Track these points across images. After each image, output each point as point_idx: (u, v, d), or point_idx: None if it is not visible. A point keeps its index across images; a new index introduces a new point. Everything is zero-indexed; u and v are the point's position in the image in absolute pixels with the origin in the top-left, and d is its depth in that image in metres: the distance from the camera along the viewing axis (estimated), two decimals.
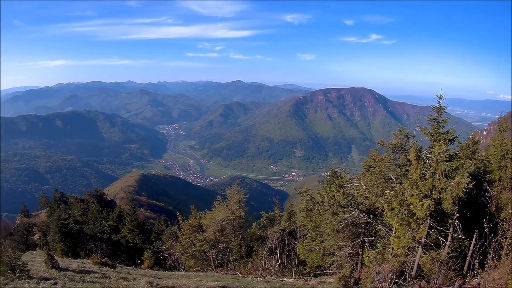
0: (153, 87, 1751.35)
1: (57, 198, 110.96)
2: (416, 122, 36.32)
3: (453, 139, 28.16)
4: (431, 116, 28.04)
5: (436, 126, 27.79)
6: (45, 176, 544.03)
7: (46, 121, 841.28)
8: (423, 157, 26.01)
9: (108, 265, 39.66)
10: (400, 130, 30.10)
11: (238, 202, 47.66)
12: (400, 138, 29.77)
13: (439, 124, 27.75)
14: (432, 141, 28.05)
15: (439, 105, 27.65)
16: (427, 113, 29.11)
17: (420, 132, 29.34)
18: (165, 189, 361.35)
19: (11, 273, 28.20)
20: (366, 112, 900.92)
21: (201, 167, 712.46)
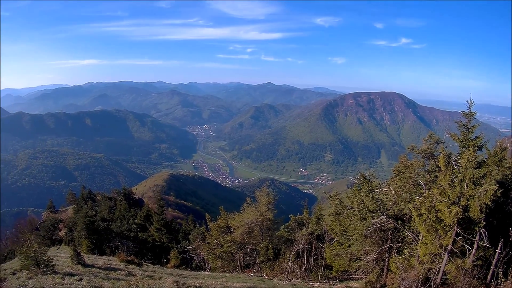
0: (184, 88, 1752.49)
1: (84, 195, 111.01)
2: (445, 127, 35.97)
3: (482, 145, 27.85)
4: (461, 122, 27.81)
5: (465, 132, 27.54)
6: (73, 173, 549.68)
7: (76, 119, 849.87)
8: (452, 163, 25.79)
9: (134, 263, 40.34)
10: (430, 136, 29.88)
11: (267, 204, 47.64)
12: (430, 143, 29.55)
13: (468, 130, 27.49)
14: (461, 147, 27.81)
15: (469, 111, 27.40)
16: (456, 119, 28.90)
17: (450, 138, 29.11)
18: (193, 189, 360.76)
19: (35, 267, 28.70)
20: (396, 116, 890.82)
21: (231, 169, 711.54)
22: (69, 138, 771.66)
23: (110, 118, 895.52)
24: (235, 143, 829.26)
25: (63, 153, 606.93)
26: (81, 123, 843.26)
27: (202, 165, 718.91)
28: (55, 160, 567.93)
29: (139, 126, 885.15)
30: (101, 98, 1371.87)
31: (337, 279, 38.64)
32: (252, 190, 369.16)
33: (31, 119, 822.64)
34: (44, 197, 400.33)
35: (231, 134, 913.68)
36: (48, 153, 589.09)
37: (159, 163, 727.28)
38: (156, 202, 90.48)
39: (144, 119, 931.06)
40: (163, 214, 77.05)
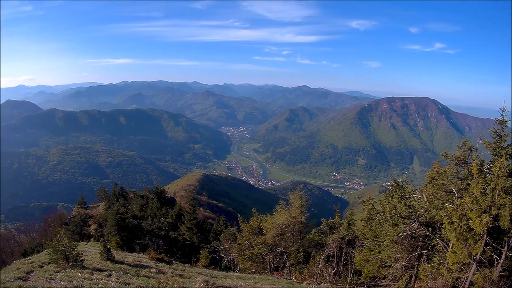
0: (219, 89, 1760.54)
1: (116, 192, 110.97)
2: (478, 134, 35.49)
3: None
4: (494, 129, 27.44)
5: (498, 140, 27.18)
6: (105, 170, 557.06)
7: (110, 117, 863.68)
8: (485, 171, 25.51)
9: (164, 261, 40.07)
10: (464, 143, 29.59)
11: (300, 207, 47.48)
12: (463, 150, 29.28)
13: (501, 138, 27.14)
14: (493, 155, 27.46)
15: (502, 118, 27.05)
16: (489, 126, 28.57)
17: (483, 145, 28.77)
18: (226, 190, 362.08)
19: (64, 261, 29.13)
20: (429, 122, 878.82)
21: (264, 171, 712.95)
22: (102, 135, 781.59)
23: (145, 117, 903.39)
24: (269, 145, 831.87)
25: (96, 150, 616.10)
26: (115, 121, 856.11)
27: (235, 166, 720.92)
28: (87, 157, 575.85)
29: (173, 125, 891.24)
30: (135, 97, 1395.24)
31: (365, 285, 38.32)
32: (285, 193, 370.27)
33: (64, 115, 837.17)
34: (74, 192, 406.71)
35: (265, 136, 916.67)
36: (80, 149, 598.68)
37: (193, 163, 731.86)
38: (188, 201, 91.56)
39: (178, 119, 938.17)
40: (195, 213, 77.75)
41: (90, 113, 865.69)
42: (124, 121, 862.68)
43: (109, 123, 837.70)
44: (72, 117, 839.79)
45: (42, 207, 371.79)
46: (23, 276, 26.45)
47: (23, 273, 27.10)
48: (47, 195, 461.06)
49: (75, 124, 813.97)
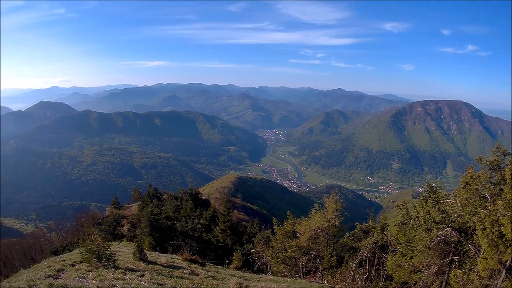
0: (255, 92, 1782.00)
1: (150, 193, 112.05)
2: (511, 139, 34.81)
3: None
4: None
5: None
6: (140, 171, 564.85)
7: (145, 119, 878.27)
8: None
9: (198, 262, 40.23)
10: (498, 147, 29.24)
11: (335, 211, 47.60)
12: (497, 155, 28.92)
13: None
14: None
15: None
16: None
17: None
18: (261, 192, 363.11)
19: (96, 261, 29.35)
20: (462, 126, 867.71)
21: (299, 174, 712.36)
22: (137, 137, 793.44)
23: (180, 119, 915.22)
24: (304, 148, 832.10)
25: (131, 151, 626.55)
26: (150, 123, 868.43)
27: (270, 169, 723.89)
28: (122, 158, 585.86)
29: (209, 128, 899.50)
30: (170, 99, 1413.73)
31: None
32: (319, 196, 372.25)
33: (99, 117, 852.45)
34: (108, 193, 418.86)
35: (301, 139, 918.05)
36: (115, 150, 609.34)
37: (228, 165, 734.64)
38: (223, 203, 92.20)
39: (214, 121, 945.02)
40: (229, 216, 77.85)
41: (125, 115, 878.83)
42: (159, 123, 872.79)
43: (144, 125, 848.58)
44: (107, 119, 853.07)
45: (74, 207, 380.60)
46: (54, 275, 26.52)
47: (54, 271, 27.19)
48: (80, 195, 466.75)
49: (110, 125, 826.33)
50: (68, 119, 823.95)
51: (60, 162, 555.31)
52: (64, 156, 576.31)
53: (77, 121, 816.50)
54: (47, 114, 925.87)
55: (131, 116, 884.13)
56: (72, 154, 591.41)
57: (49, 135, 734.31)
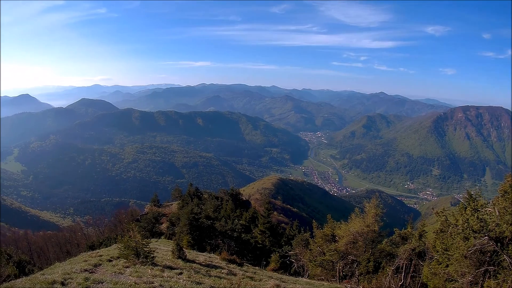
0: (298, 94, 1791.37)
1: (191, 192, 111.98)
2: None
3: None
4: None
5: None
6: (181, 170, 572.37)
7: (187, 119, 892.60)
8: None
9: (236, 262, 40.40)
10: None
11: (374, 216, 46.94)
12: None
13: None
14: None
15: None
16: None
17: None
18: (301, 195, 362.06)
19: (134, 257, 29.70)
20: (502, 133, 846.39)
21: (340, 177, 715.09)
22: (179, 136, 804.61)
23: (223, 119, 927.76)
24: (346, 152, 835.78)
25: (172, 150, 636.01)
26: (192, 122, 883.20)
27: (312, 172, 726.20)
28: (163, 156, 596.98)
29: (251, 129, 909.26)
30: (213, 100, 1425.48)
31: None
32: (359, 201, 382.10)
33: (141, 115, 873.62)
34: (147, 190, 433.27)
35: (342, 142, 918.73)
36: (156, 149, 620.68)
37: (269, 166, 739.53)
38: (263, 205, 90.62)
39: (257, 122, 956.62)
40: (269, 217, 77.72)
41: (167, 114, 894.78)
42: (202, 123, 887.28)
43: (187, 124, 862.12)
44: (149, 117, 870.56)
45: (113, 203, 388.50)
46: (90, 269, 26.95)
47: (90, 266, 27.66)
48: (119, 192, 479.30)
49: (152, 124, 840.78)
50: (110, 117, 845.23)
51: (100, 159, 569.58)
52: (105, 153, 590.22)
53: (119, 119, 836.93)
54: (89, 111, 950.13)
55: (173, 115, 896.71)
56: (113, 151, 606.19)
57: (90, 132, 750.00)
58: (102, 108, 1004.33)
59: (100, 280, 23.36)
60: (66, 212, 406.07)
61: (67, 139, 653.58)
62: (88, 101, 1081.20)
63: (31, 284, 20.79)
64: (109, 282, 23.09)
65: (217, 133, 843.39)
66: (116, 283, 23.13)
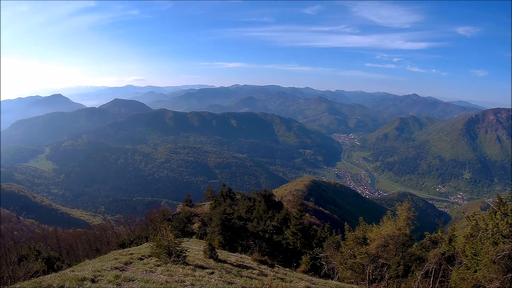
0: (331, 95, 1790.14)
1: (224, 193, 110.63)
2: None
3: None
4: None
5: None
6: (214, 170, 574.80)
7: (221, 119, 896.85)
8: None
9: (267, 263, 40.47)
10: None
11: (406, 219, 46.40)
12: None
13: None
14: None
15: None
16: None
17: None
18: (333, 197, 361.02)
19: (166, 256, 29.93)
20: None
21: (372, 180, 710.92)
22: (212, 137, 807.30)
23: (256, 120, 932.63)
24: (379, 154, 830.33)
25: (206, 150, 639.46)
26: (226, 123, 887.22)
27: (344, 174, 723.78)
28: (196, 157, 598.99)
29: (285, 130, 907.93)
30: (247, 101, 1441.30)
31: None
32: (391, 204, 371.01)
33: (174, 116, 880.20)
34: (180, 190, 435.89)
35: (375, 144, 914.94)
36: (189, 149, 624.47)
37: (302, 168, 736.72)
38: (296, 206, 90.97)
39: (290, 123, 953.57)
40: (301, 219, 77.51)
41: (201, 115, 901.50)
42: (235, 124, 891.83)
43: (220, 125, 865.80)
44: (182, 118, 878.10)
45: (144, 202, 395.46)
46: (121, 267, 27.27)
47: (121, 264, 28.08)
48: (151, 191, 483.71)
49: (185, 124, 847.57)
50: (143, 117, 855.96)
51: (133, 158, 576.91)
52: (138, 152, 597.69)
53: (152, 119, 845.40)
54: (122, 111, 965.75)
55: (207, 116, 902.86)
56: (146, 151, 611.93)
57: (123, 132, 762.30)
58: (135, 108, 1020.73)
59: (131, 278, 23.60)
60: (97, 211, 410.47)
61: (99, 139, 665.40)
62: (121, 101, 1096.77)
63: (60, 280, 20.90)
64: (140, 280, 23.30)
65: (251, 134, 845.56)
66: (147, 281, 23.37)
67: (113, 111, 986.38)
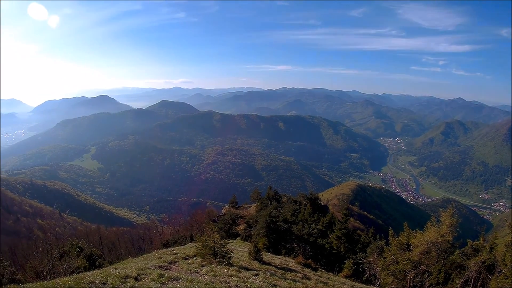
0: (378, 99, 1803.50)
1: (270, 195, 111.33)
2: None
3: None
4: None
5: None
6: (260, 173, 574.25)
7: (269, 122, 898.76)
8: None
9: (311, 267, 41.08)
10: None
11: (449, 226, 46.22)
12: None
13: None
14: None
15: None
16: None
17: None
18: (378, 202, 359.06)
19: (211, 256, 30.50)
20: None
21: (417, 185, 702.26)
22: (260, 139, 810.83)
23: (304, 123, 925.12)
24: (424, 159, 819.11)
25: (253, 153, 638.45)
26: (273, 126, 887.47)
27: (390, 179, 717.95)
28: (243, 159, 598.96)
29: (332, 133, 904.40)
30: (295, 104, 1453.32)
31: None
32: (434, 210, 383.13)
33: (222, 118, 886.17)
34: (226, 192, 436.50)
35: (421, 149, 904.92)
36: (237, 151, 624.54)
37: (348, 172, 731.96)
38: (341, 210, 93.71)
39: (337, 127, 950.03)
40: (346, 223, 77.45)
41: (248, 117, 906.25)
42: (283, 127, 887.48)
43: (268, 128, 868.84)
44: (230, 120, 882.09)
45: (190, 203, 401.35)
46: (165, 266, 27.81)
47: (165, 263, 28.60)
48: (197, 192, 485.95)
49: (233, 126, 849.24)
50: (190, 119, 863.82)
51: (180, 159, 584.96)
52: (185, 153, 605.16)
53: (199, 120, 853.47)
54: (169, 112, 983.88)
55: (255, 118, 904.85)
56: (193, 152, 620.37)
57: (170, 133, 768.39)
58: (182, 110, 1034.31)
59: (175, 277, 23.92)
60: (142, 210, 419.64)
61: (146, 139, 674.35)
62: (168, 103, 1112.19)
63: (103, 277, 21.37)
64: (185, 280, 23.58)
65: (298, 137, 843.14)
66: (192, 281, 23.63)
67: (160, 112, 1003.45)
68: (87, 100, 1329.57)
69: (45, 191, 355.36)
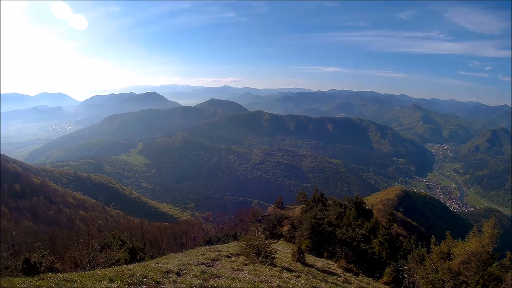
0: (426, 103, 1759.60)
1: (316, 197, 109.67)
2: None
3: None
4: None
5: None
6: (307, 174, 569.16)
7: (317, 124, 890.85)
8: None
9: (352, 271, 42.13)
10: None
11: (491, 236, 44.41)
12: None
13: None
14: None
15: None
16: None
17: None
18: (422, 209, 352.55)
19: (254, 255, 30.85)
20: None
21: (461, 193, 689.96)
22: (308, 140, 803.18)
23: (352, 126, 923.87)
24: (469, 167, 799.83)
25: (301, 154, 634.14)
26: (322, 127, 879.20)
27: (435, 186, 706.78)
28: (290, 160, 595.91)
29: (379, 137, 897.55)
30: (343, 106, 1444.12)
31: None
32: (477, 219, 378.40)
33: (271, 118, 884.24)
34: (272, 192, 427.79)
35: (467, 156, 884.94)
36: (284, 152, 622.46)
37: (394, 177, 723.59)
38: (385, 216, 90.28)
39: (385, 131, 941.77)
40: (390, 229, 76.80)
41: (297, 118, 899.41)
42: (332, 129, 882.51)
43: (316, 129, 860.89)
44: (279, 120, 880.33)
45: (235, 201, 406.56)
46: (208, 263, 28.40)
47: (208, 260, 29.17)
48: (243, 191, 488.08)
49: (281, 127, 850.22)
50: (239, 118, 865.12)
51: (227, 158, 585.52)
52: (233, 152, 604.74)
53: (248, 120, 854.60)
54: (218, 111, 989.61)
55: (303, 119, 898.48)
56: (241, 151, 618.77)
57: (218, 131, 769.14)
58: (231, 109, 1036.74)
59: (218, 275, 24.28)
60: (186, 207, 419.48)
61: (194, 137, 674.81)
62: (217, 101, 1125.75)
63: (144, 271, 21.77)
64: (227, 278, 23.87)
65: (346, 140, 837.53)
66: (234, 279, 23.83)
67: (209, 110, 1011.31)
68: (135, 96, 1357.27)
69: (89, 184, 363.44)
